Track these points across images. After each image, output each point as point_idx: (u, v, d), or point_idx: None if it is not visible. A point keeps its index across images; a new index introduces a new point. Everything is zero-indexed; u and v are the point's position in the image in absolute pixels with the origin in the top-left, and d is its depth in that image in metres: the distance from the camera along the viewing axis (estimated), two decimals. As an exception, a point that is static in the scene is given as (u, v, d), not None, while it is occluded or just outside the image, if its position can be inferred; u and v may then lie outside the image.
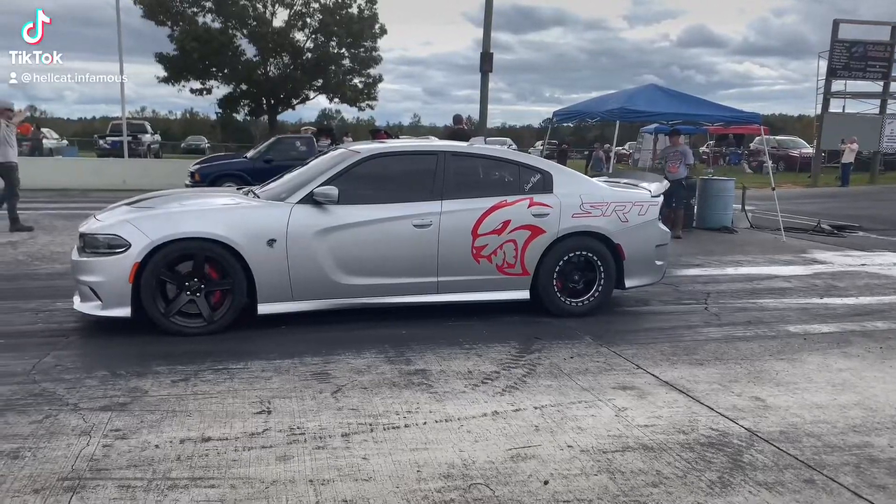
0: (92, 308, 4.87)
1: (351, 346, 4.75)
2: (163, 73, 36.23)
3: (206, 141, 44.97)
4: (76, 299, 5.08)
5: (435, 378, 4.18)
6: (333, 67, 36.83)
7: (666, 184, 6.50)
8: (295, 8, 36.08)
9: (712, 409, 3.83)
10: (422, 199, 5.37)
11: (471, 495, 2.81)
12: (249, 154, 15.10)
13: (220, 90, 37.91)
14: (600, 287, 5.75)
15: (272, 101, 38.15)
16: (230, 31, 35.80)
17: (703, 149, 32.09)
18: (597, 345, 4.99)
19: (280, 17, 36.35)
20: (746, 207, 13.26)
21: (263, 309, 5.06)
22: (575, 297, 5.74)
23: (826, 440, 3.47)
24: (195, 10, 35.37)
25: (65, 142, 33.54)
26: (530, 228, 5.50)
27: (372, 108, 38.88)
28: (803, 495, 2.90)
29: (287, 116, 43.23)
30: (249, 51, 36.66)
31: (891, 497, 2.90)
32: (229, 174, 13.62)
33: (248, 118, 43.24)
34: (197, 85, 37.45)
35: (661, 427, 3.56)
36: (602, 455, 3.22)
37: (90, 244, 4.95)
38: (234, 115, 42.16)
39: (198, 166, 14.23)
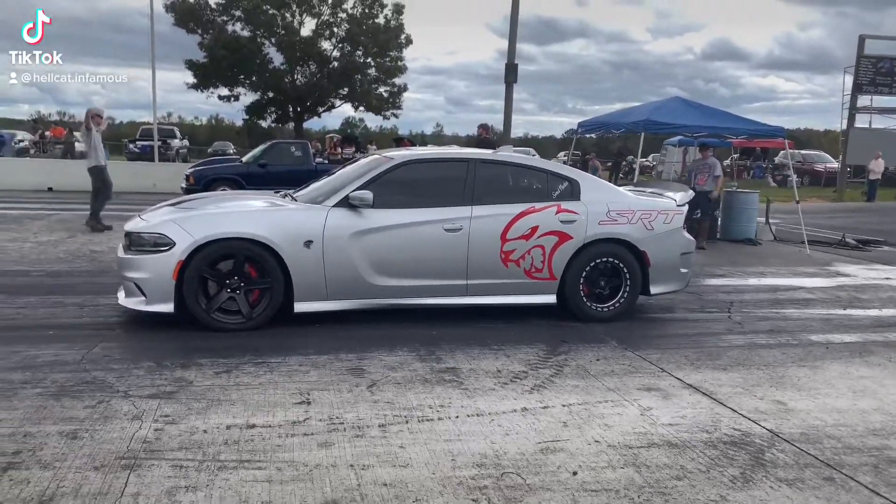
0: (136, 303, 5.10)
1: (383, 344, 4.93)
2: (192, 80, 36.96)
3: (233, 147, 45.69)
4: (121, 295, 5.32)
5: (465, 376, 4.34)
6: (359, 76, 37.33)
7: (691, 193, 6.61)
8: (322, 17, 36.69)
9: (735, 410, 3.94)
10: (453, 205, 5.54)
11: (503, 483, 2.96)
12: (244, 158, 15.30)
13: (248, 97, 38.57)
14: (626, 293, 5.86)
15: (298, 109, 38.72)
16: (259, 40, 36.46)
17: (727, 162, 31.93)
18: (622, 348, 5.12)
19: (308, 27, 36.99)
20: (770, 220, 13.26)
21: (300, 307, 5.25)
22: (601, 303, 5.85)
23: (846, 442, 3.57)
24: (225, 18, 36.09)
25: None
26: (558, 234, 5.64)
27: (396, 116, 39.36)
28: (822, 492, 3.01)
29: (311, 124, 43.78)
30: (277, 59, 37.32)
31: (909, 496, 3.00)
32: (224, 178, 13.89)
33: (275, 125, 43.83)
34: (225, 92, 38.19)
35: (685, 426, 3.68)
36: (628, 450, 3.35)
37: (136, 242, 5.18)
38: (261, 121, 42.81)
39: (192, 169, 14.52)
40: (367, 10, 36.49)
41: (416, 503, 2.76)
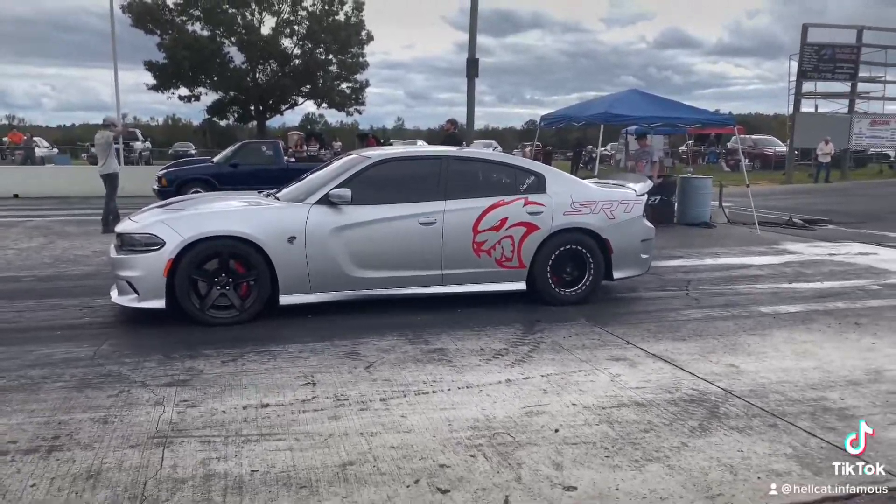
0: (129, 300, 5.38)
1: (374, 331, 5.32)
2: (151, 81, 36.50)
3: (193, 147, 45.21)
4: (114, 293, 5.60)
5: (452, 355, 4.77)
6: (321, 73, 37.31)
7: (650, 183, 7.14)
8: (282, 16, 36.55)
9: (693, 374, 4.45)
10: (427, 199, 5.90)
11: (495, 441, 3.40)
12: (216, 159, 15.40)
13: (209, 97, 38.26)
14: (590, 278, 6.31)
15: (261, 107, 38.56)
16: (219, 40, 36.18)
17: (682, 148, 32.96)
18: (591, 325, 5.60)
19: (268, 25, 36.82)
20: (724, 204, 13.97)
21: (285, 300, 5.59)
22: (567, 288, 6.29)
23: (788, 395, 4.10)
24: (184, 18, 35.71)
25: (55, 150, 33.69)
26: (526, 225, 6.04)
27: (360, 112, 39.43)
28: (767, 435, 3.52)
29: (272, 122, 43.60)
30: (238, 58, 37.07)
31: (839, 436, 3.52)
32: (195, 178, 14.01)
33: (236, 124, 43.52)
34: (185, 92, 37.81)
35: (650, 388, 4.17)
36: (601, 410, 3.82)
37: (127, 242, 5.46)
38: (221, 121, 42.50)
39: (164, 171, 14.61)
40: (326, 8, 36.51)
41: (422, 460, 3.18)
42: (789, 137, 27.68)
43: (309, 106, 42.55)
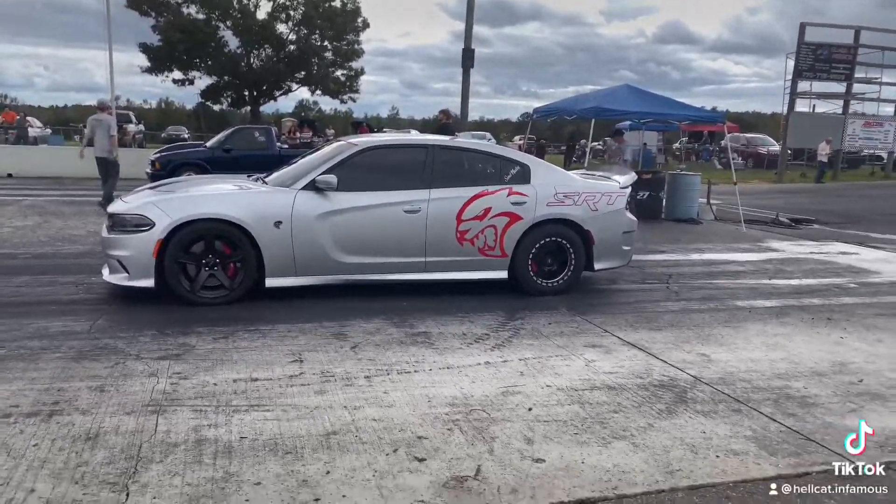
0: (120, 279, 5.53)
1: (360, 314, 5.50)
2: (146, 63, 36.38)
3: (187, 131, 45.09)
4: (105, 271, 5.75)
5: (435, 338, 4.96)
6: (316, 60, 37.27)
7: (633, 176, 7.33)
8: (278, 1, 36.44)
9: (665, 361, 4.66)
10: (412, 188, 6.01)
11: (471, 417, 3.59)
12: (209, 143, 15.50)
13: (203, 81, 38.16)
14: (571, 269, 6.43)
15: (255, 93, 38.50)
16: (214, 23, 36.07)
17: (675, 145, 33.20)
18: (571, 314, 5.80)
19: (263, 10, 36.72)
20: (712, 201, 14.20)
21: (271, 283, 5.70)
22: (548, 278, 6.40)
23: (755, 384, 4.31)
24: (179, 1, 35.56)
25: (48, 130, 33.60)
26: (509, 215, 6.16)
27: (354, 100, 39.49)
28: (730, 419, 3.73)
29: (265, 108, 43.54)
30: (233, 42, 36.97)
31: (798, 421, 3.73)
32: (189, 163, 14.15)
33: (229, 109, 43.42)
34: (179, 75, 37.68)
35: (623, 374, 4.37)
36: (574, 392, 4.02)
37: (118, 223, 5.60)
38: (214, 105, 42.41)
39: (158, 155, 14.73)
40: (323, -7, 36.44)
41: (401, 432, 3.38)
42: (782, 137, 27.95)
43: (303, 92, 42.57)
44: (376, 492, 2.82)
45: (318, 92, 39.70)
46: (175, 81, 37.72)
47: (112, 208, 5.92)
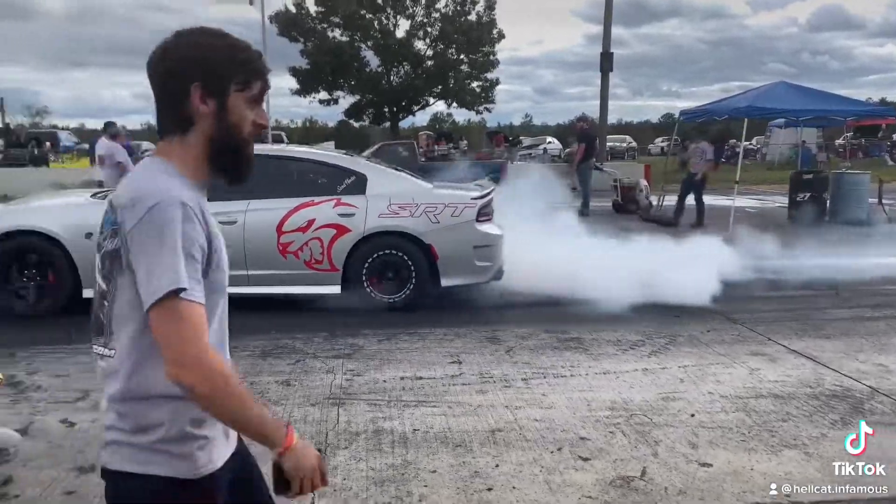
0: None
1: (512, 319, 5.67)
2: (295, 86, 39.04)
3: (333, 147, 47.77)
4: None
5: (589, 344, 5.02)
6: (452, 74, 38.20)
7: (491, 187, 6.66)
8: (416, 18, 37.82)
9: (837, 371, 4.42)
10: (231, 198, 5.52)
11: (633, 420, 3.63)
12: None
13: (346, 100, 40.34)
14: (412, 285, 5.96)
15: (394, 109, 40.13)
16: (356, 44, 38.07)
17: (839, 141, 30.60)
18: (730, 322, 5.62)
19: (402, 28, 38.25)
20: (884, 201, 13.00)
21: (88, 293, 5.39)
22: (388, 294, 5.97)
23: (943, 397, 3.98)
24: (324, 25, 37.91)
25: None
26: (336, 227, 5.80)
27: (489, 110, 39.95)
28: (916, 433, 3.49)
29: (403, 122, 45.18)
30: (374, 62, 38.81)
31: None
32: None
33: (370, 125, 45.43)
34: (325, 95, 40.08)
35: (790, 382, 4.21)
36: (738, 399, 3.93)
37: None
38: (355, 122, 44.56)
39: None
40: (458, 8, 37.37)
41: (563, 432, 3.49)
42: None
43: (439, 106, 43.70)
44: (544, 486, 2.96)
45: (454, 105, 40.67)
46: (321, 102, 40.20)
47: None
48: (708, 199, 11.57)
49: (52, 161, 22.22)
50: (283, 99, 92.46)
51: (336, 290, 5.90)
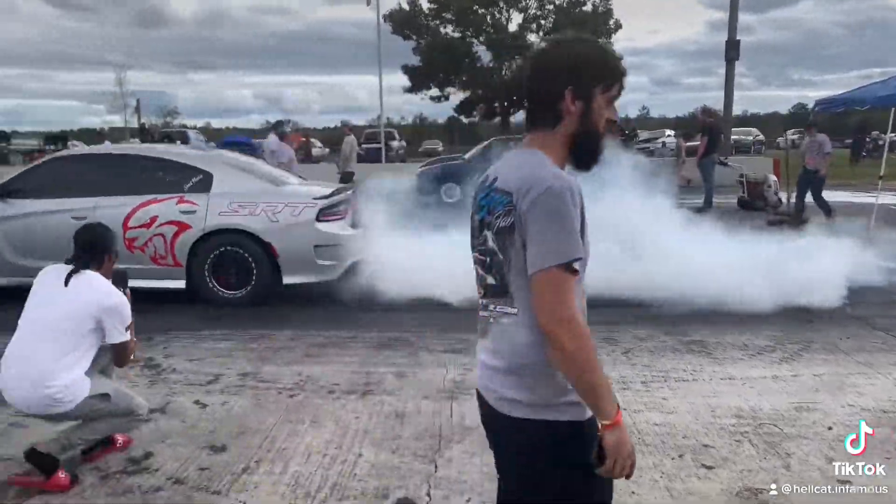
0: None
1: (628, 319, 5.47)
2: (407, 84, 39.87)
3: (441, 144, 48.29)
4: None
5: (713, 347, 4.76)
6: (566, 66, 37.62)
7: (334, 189, 6.62)
8: (529, 11, 37.53)
9: None
10: (83, 195, 6.08)
11: (761, 430, 3.41)
12: (466, 156, 16.01)
13: (457, 96, 40.73)
14: (253, 282, 6.02)
15: (506, 104, 40.07)
16: (468, 40, 38.33)
17: None
18: (871, 329, 5.16)
19: (515, 22, 38.09)
20: None
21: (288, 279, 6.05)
22: (231, 289, 6.07)
23: None
24: (437, 22, 38.42)
25: (327, 150, 38.40)
26: (177, 224, 5.97)
27: (604, 103, 39.01)
28: None
29: (514, 117, 44.94)
30: (485, 57, 38.94)
31: None
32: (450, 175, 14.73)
33: (481, 121, 45.58)
34: (436, 92, 40.65)
35: (946, 398, 3.80)
36: (883, 413, 3.60)
37: None
38: (465, 118, 44.84)
39: (421, 169, 15.73)
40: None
41: (685, 439, 3.33)
42: None
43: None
44: (665, 493, 2.83)
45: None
46: (432, 98, 40.84)
47: None
48: (847, 196, 10.71)
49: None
50: (393, 97, 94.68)
51: (181, 284, 6.10)
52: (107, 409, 3.03)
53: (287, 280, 6.11)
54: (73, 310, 2.92)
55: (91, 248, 3.08)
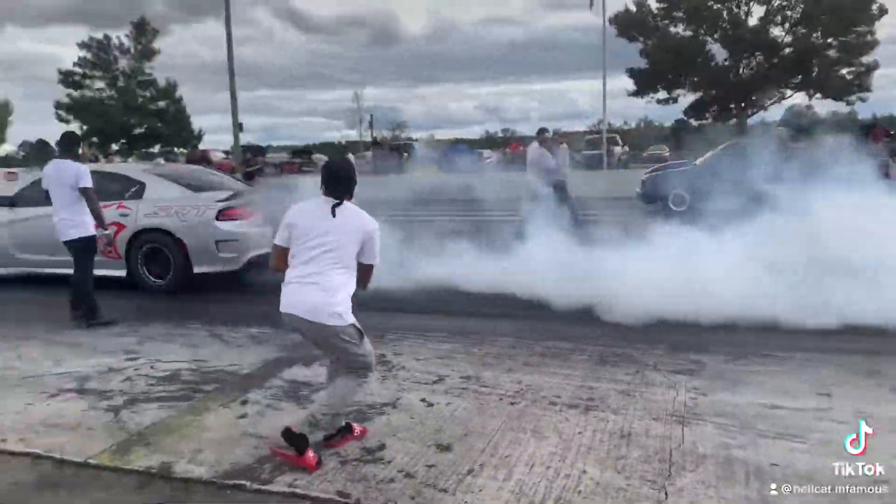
0: None
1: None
2: (632, 87, 38.59)
3: (667, 149, 45.83)
4: None
5: None
6: (816, 60, 33.77)
7: (229, 194, 7.69)
8: (773, 3, 34.33)
9: None
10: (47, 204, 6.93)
11: None
12: (697, 161, 14.57)
13: (686, 98, 38.52)
14: (172, 271, 7.42)
15: (742, 104, 37.05)
16: (701, 38, 36.09)
17: None
18: None
19: (755, 15, 35.08)
20: None
21: None
22: (158, 278, 7.52)
23: None
24: (666, 21, 36.70)
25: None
26: (117, 224, 7.32)
27: (863, 100, 34.41)
28: None
29: (751, 119, 41.30)
30: (719, 55, 36.37)
31: None
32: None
33: (710, 123, 42.57)
34: (664, 95, 38.83)
35: None
36: None
37: None
38: (695, 121, 42.08)
39: (647, 176, 14.89)
40: (826, -14, 32.83)
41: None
42: None
43: (797, 98, 38.83)
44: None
45: (818, 96, 35.86)
46: (659, 101, 39.02)
47: None
48: None
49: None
50: (615, 101, 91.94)
51: (123, 273, 7.59)
52: (359, 341, 3.35)
53: (197, 270, 7.42)
54: (346, 236, 3.29)
55: (347, 182, 3.40)
